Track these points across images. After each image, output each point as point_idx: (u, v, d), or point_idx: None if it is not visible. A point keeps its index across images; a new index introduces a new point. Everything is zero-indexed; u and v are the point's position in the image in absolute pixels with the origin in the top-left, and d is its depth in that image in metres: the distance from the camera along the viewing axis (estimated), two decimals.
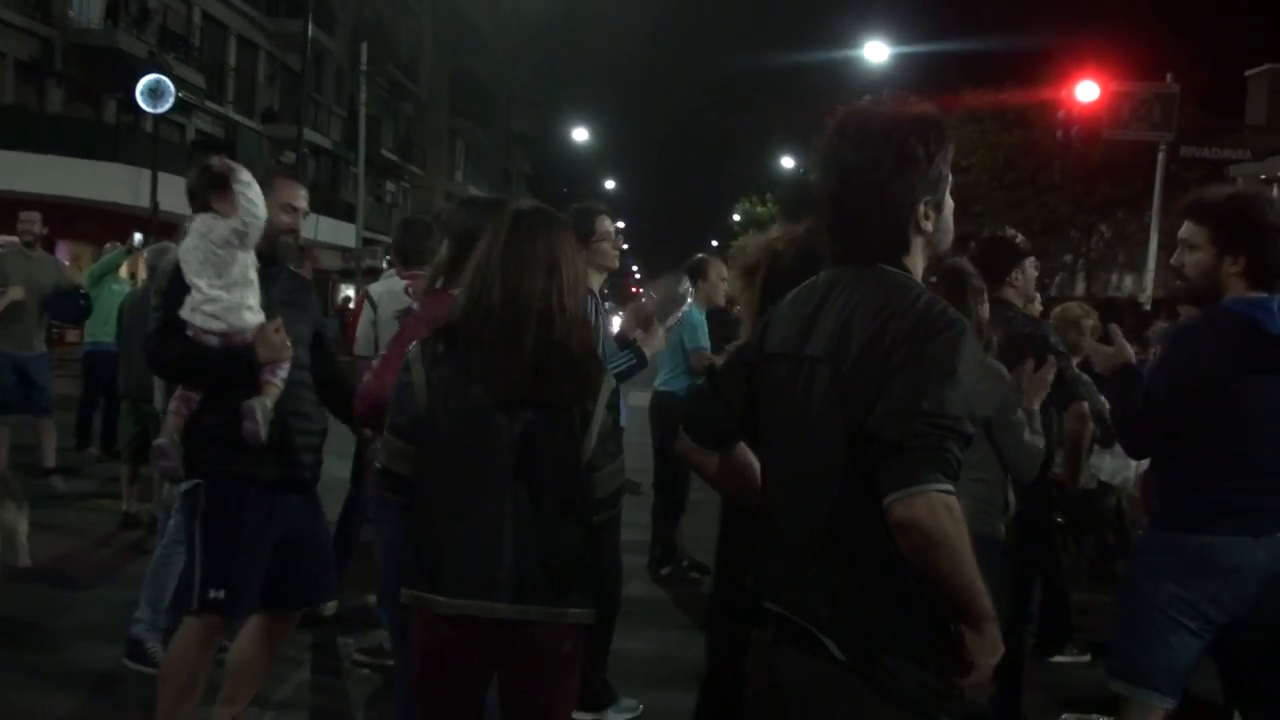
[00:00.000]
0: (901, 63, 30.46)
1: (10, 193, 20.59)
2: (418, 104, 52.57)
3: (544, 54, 75.31)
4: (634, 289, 44.04)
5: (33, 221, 9.99)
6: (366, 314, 5.88)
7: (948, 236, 2.62)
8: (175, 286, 4.34)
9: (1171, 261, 3.99)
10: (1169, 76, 21.72)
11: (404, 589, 3.20)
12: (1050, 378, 4.54)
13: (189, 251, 4.28)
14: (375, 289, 6.03)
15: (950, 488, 2.26)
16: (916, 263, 2.56)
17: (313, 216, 15.83)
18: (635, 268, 78.38)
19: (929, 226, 2.54)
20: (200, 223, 4.31)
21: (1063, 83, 22.58)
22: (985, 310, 4.40)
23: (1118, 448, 6.64)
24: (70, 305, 10.10)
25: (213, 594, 4.24)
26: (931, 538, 2.23)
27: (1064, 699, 5.86)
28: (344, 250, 36.23)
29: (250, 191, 4.24)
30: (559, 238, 3.27)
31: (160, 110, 23.33)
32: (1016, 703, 4.94)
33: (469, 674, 3.21)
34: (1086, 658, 6.44)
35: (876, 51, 29.51)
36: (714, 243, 63.28)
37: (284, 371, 4.37)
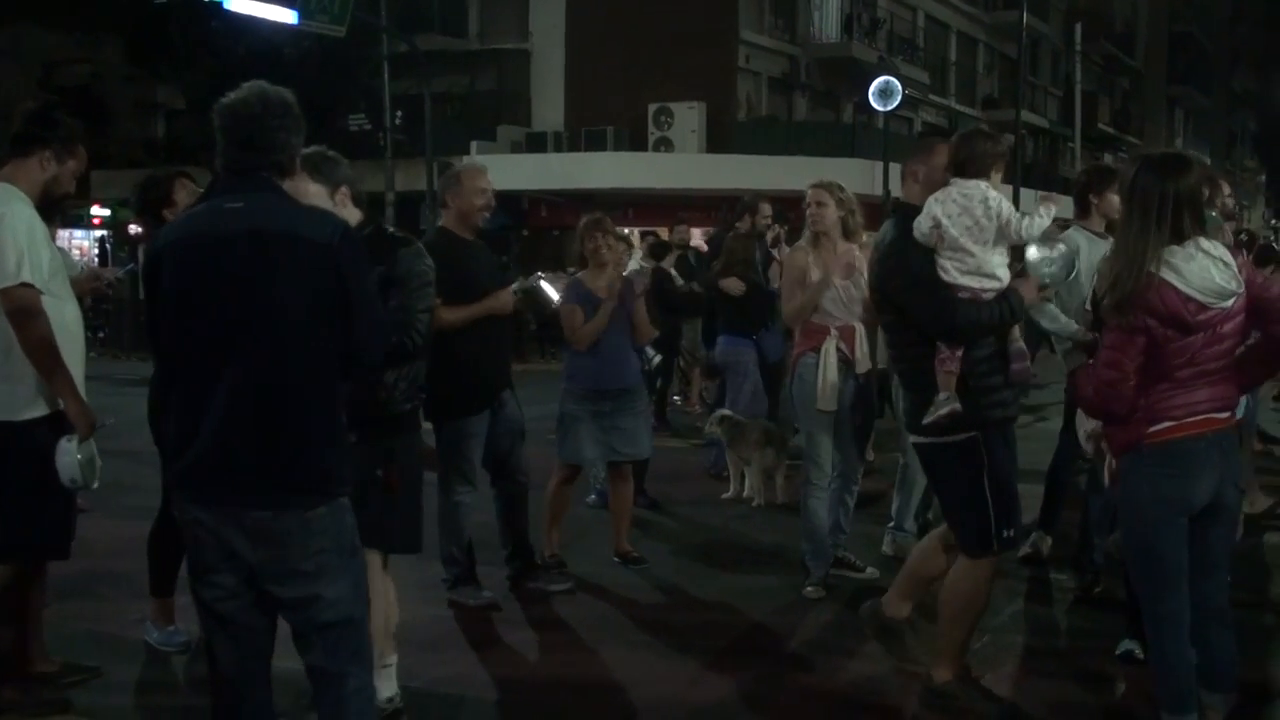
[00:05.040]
0: None
1: (767, 190, 22.02)
2: (1134, 76, 49.08)
3: (1269, 8, 66.87)
4: None
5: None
6: None
7: None
8: (907, 244, 4.43)
9: None
10: None
11: None
12: None
13: (955, 220, 4.31)
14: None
15: None
16: None
17: (1030, 192, 15.18)
18: None
19: None
20: (969, 187, 4.34)
21: None
22: None
23: None
24: None
25: (1006, 534, 4.40)
26: None
27: None
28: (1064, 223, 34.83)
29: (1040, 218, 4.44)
30: None
31: (890, 108, 24.13)
32: None
33: None
34: None
35: None
36: None
37: None
